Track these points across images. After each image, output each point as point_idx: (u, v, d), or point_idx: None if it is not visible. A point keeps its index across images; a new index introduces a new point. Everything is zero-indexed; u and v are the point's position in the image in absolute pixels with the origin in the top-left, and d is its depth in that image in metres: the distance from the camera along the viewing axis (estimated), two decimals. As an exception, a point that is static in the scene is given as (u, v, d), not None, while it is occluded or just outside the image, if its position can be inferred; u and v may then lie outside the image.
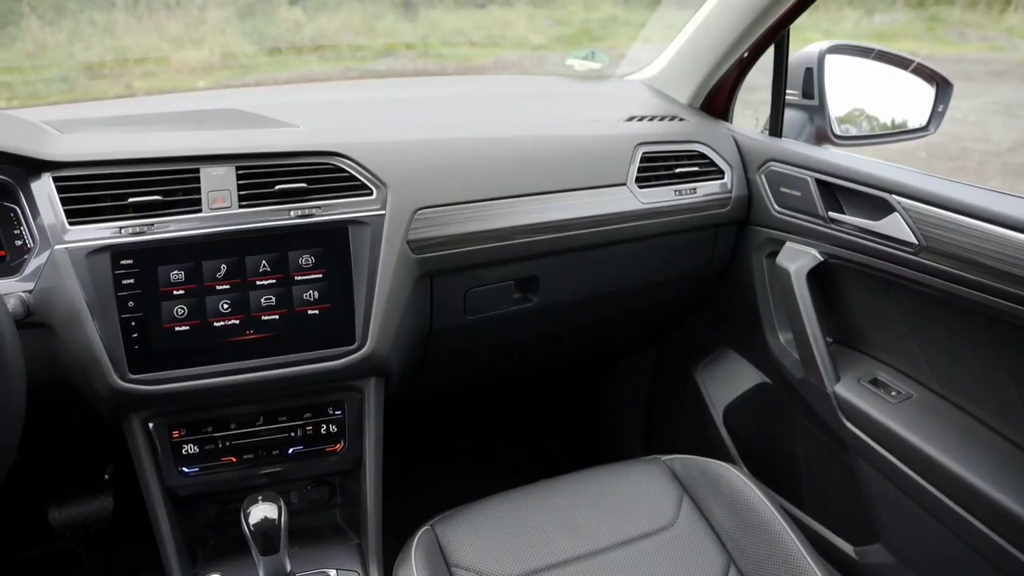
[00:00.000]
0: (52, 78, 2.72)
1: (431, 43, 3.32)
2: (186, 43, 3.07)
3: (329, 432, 1.15)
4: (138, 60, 2.78)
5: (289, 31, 3.27)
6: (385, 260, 1.09)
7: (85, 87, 2.64)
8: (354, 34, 3.31)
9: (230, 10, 3.17)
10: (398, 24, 3.44)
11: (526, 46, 3.40)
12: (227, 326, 1.05)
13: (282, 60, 2.99)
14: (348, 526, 1.25)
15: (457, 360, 1.41)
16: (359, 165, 1.12)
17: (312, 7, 3.32)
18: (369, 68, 3.03)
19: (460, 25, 3.56)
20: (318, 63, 2.92)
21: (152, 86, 2.64)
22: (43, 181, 1.04)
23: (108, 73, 2.69)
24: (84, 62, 2.76)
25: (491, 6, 3.61)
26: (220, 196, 1.06)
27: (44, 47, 2.87)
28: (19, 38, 2.80)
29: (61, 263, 1.00)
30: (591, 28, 3.64)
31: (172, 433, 1.10)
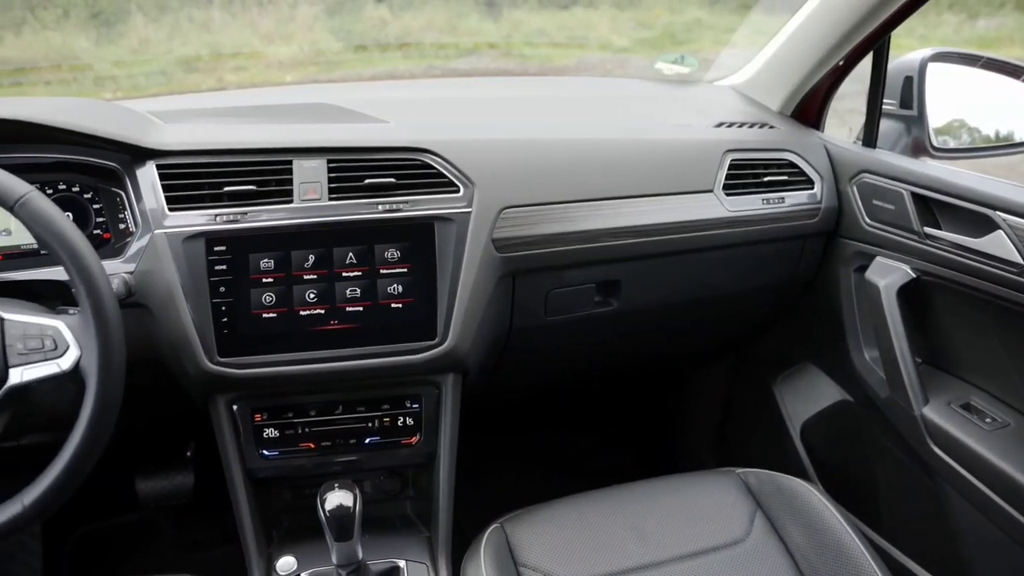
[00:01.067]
0: (152, 72, 2.84)
1: (513, 43, 3.32)
2: (276, 39, 3.16)
3: (406, 425, 1.17)
4: (230, 55, 2.87)
5: (375, 28, 3.32)
6: (469, 257, 1.10)
7: (181, 80, 2.74)
8: (438, 33, 3.34)
9: (319, 7, 3.25)
10: (481, 23, 3.45)
11: (609, 48, 3.37)
12: (312, 315, 1.07)
13: (367, 57, 3.04)
14: (418, 518, 1.27)
15: (534, 360, 1.41)
16: (447, 162, 1.13)
17: (398, 5, 3.37)
18: (452, 67, 3.05)
19: (543, 26, 3.55)
20: (402, 60, 2.96)
21: (243, 80, 2.73)
22: (147, 168, 1.09)
23: (202, 67, 2.80)
24: (181, 57, 2.88)
25: (575, 7, 3.59)
26: (311, 188, 1.09)
27: (147, 43, 2.99)
28: (125, 35, 2.93)
29: (160, 247, 1.04)
30: (675, 31, 3.59)
31: (255, 416, 1.14)
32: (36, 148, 1.10)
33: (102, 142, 1.08)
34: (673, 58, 1.66)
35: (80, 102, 1.18)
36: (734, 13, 3.57)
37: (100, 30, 2.90)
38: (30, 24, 2.79)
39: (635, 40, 3.46)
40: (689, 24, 3.52)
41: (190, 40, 3.08)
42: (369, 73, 2.91)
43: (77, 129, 1.05)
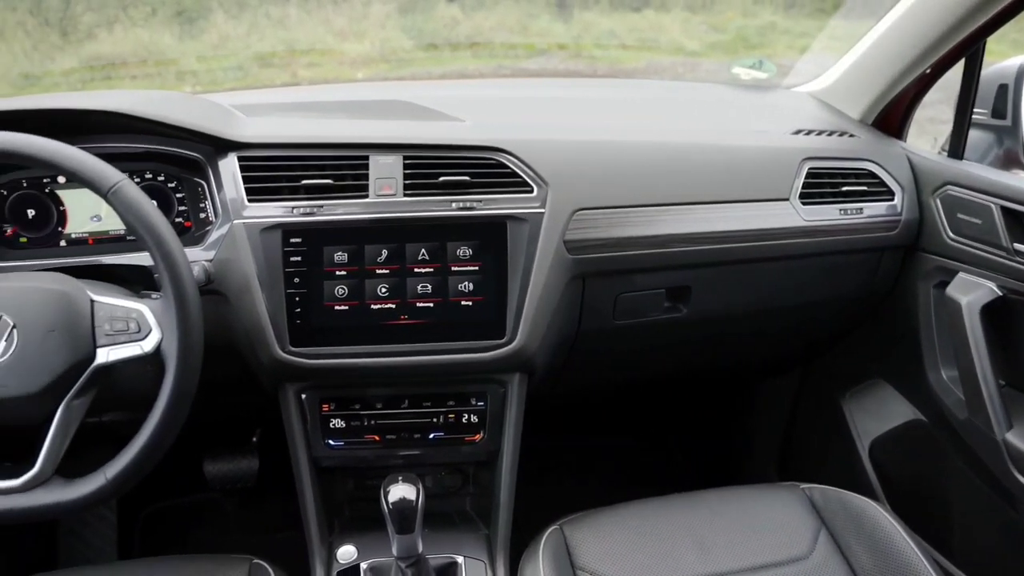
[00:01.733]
0: (230, 67, 2.92)
1: (583, 44, 3.31)
2: (349, 36, 3.21)
3: (470, 422, 1.18)
4: (304, 51, 2.94)
5: (446, 28, 3.35)
6: (541, 258, 1.10)
7: (257, 75, 2.82)
8: (508, 33, 3.34)
9: (392, 6, 3.29)
10: (552, 24, 3.45)
11: (679, 51, 3.33)
12: (383, 309, 1.09)
13: (438, 56, 3.07)
14: (478, 515, 1.27)
15: (599, 363, 1.40)
16: (522, 162, 1.13)
17: (469, 5, 3.39)
18: (521, 67, 3.06)
19: (613, 27, 3.52)
20: (472, 60, 2.98)
21: (315, 75, 2.79)
22: (229, 160, 1.12)
23: (277, 63, 2.87)
24: (257, 52, 2.95)
25: (646, 9, 3.56)
26: (386, 184, 1.10)
27: (226, 39, 3.08)
28: (207, 31, 3.02)
29: (239, 237, 1.07)
30: (747, 36, 3.52)
31: (322, 406, 1.16)
32: (127, 138, 1.15)
33: (188, 133, 1.11)
34: (751, 63, 1.63)
35: (168, 95, 1.23)
36: (810, 18, 3.48)
37: (183, 27, 3.00)
38: (122, 22, 2.89)
39: (706, 44, 3.41)
40: (762, 28, 3.46)
41: (266, 36, 3.16)
42: (439, 72, 2.94)
43: (166, 120, 1.09)
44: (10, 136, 0.88)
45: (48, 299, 0.89)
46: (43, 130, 0.91)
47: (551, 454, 1.81)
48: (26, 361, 0.86)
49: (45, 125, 0.95)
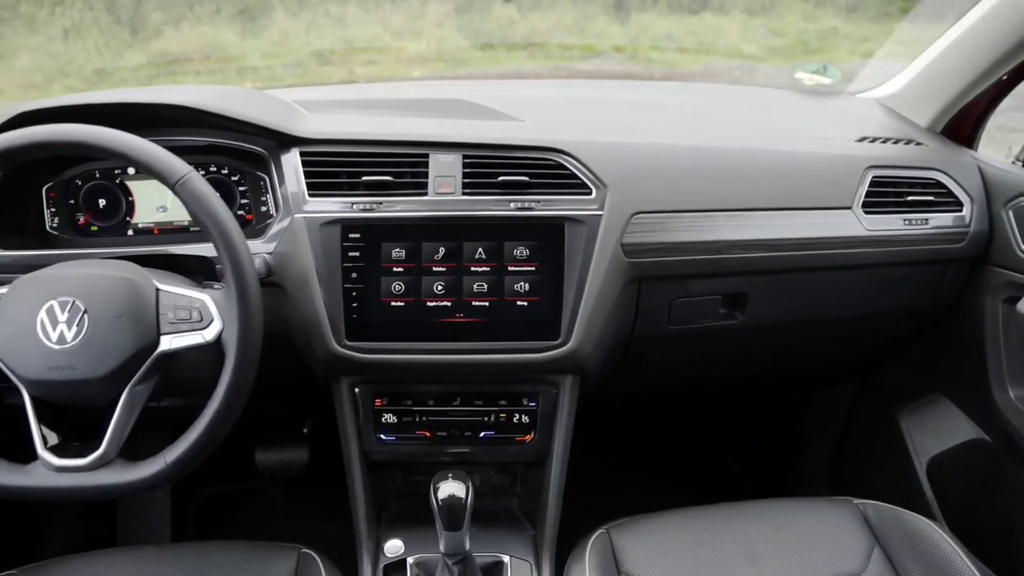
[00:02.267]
0: (289, 63, 2.98)
1: (640, 46, 3.28)
2: (406, 35, 3.23)
3: (521, 422, 1.18)
4: (362, 49, 2.98)
5: (502, 28, 3.35)
6: (598, 260, 1.10)
7: (315, 72, 2.86)
8: (564, 33, 3.33)
9: (449, 5, 3.30)
10: (609, 26, 3.43)
11: (737, 55, 3.28)
12: (439, 307, 1.09)
13: (493, 55, 3.07)
14: (524, 516, 1.27)
15: (652, 368, 1.39)
16: (581, 164, 1.13)
17: (526, 5, 3.39)
18: (577, 68, 3.05)
19: (671, 30, 3.48)
20: (527, 60, 2.98)
21: (372, 73, 2.82)
22: (291, 154, 1.14)
23: (336, 60, 2.91)
24: (316, 50, 3.00)
25: (704, 12, 3.51)
26: (446, 182, 1.11)
27: (286, 36, 3.13)
28: (268, 28, 3.08)
29: (299, 230, 1.09)
30: (808, 40, 3.45)
31: (375, 401, 1.17)
32: (193, 132, 1.17)
33: (253, 128, 1.14)
34: (814, 68, 1.60)
35: (233, 90, 1.25)
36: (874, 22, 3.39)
37: (245, 24, 3.06)
38: (188, 20, 2.97)
39: (765, 48, 3.35)
40: (824, 33, 3.38)
41: (326, 34, 3.21)
42: (495, 71, 2.95)
43: (232, 115, 1.11)
44: (87, 129, 0.91)
45: (117, 286, 0.92)
46: (115, 123, 0.94)
47: (598, 457, 1.80)
48: (95, 345, 0.89)
49: (118, 118, 0.98)
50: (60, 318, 0.90)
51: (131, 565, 1.05)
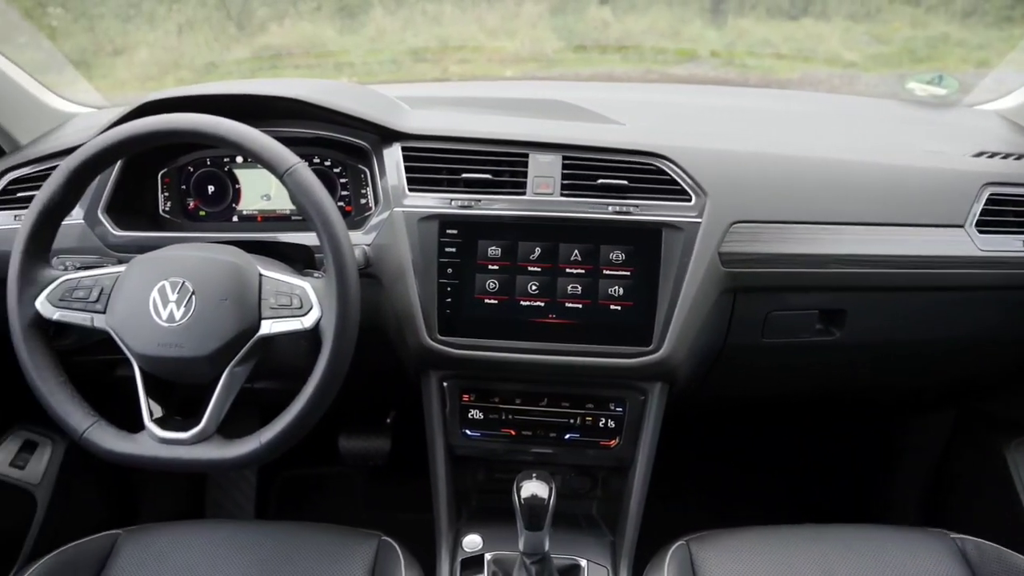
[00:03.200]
0: (384, 60, 3.04)
1: (736, 52, 3.21)
2: (500, 34, 3.25)
3: (607, 426, 1.17)
4: (456, 47, 3.01)
5: (596, 29, 3.34)
6: (694, 268, 1.08)
7: (410, 69, 2.91)
8: (658, 37, 3.29)
9: (543, 6, 3.31)
10: (704, 30, 3.37)
11: (837, 63, 3.18)
12: (532, 307, 1.10)
13: (586, 57, 3.07)
14: (603, 521, 1.26)
15: (742, 379, 1.36)
16: (682, 170, 1.11)
17: (621, 8, 3.36)
18: (670, 72, 3.01)
19: (768, 36, 3.40)
20: (620, 63, 2.96)
21: (465, 72, 2.85)
22: (393, 149, 1.16)
23: (430, 58, 2.95)
24: (411, 47, 3.05)
25: (805, 18, 3.41)
26: (544, 182, 1.11)
27: (383, 33, 3.19)
28: (366, 25, 3.16)
29: (397, 224, 1.11)
30: (915, 47, 3.31)
31: (462, 396, 1.18)
32: (300, 124, 1.21)
33: (358, 122, 1.16)
34: (928, 78, 1.53)
35: (339, 84, 1.29)
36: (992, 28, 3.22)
37: (345, 21, 3.14)
38: (291, 16, 3.07)
39: (867, 56, 3.23)
40: (934, 39, 3.23)
41: (421, 32, 3.26)
42: (587, 73, 2.94)
43: (339, 109, 1.14)
44: (205, 119, 0.95)
45: (224, 270, 0.95)
46: (229, 114, 0.97)
47: (679, 465, 1.77)
48: (201, 325, 0.93)
49: (231, 109, 1.01)
50: (171, 297, 0.94)
51: (222, 536, 1.09)
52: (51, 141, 1.33)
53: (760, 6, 3.39)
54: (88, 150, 0.96)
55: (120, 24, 3.07)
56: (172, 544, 1.07)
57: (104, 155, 0.97)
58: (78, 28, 2.89)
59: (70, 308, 0.97)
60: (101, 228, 1.19)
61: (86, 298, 0.97)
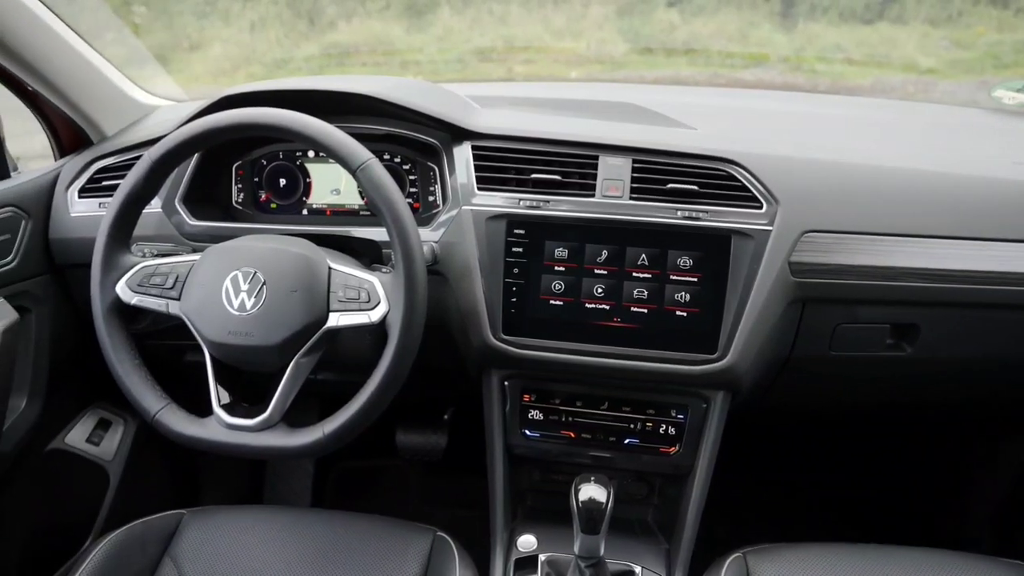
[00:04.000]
0: (450, 59, 3.07)
1: (805, 57, 3.15)
2: (566, 35, 3.25)
3: (667, 433, 1.16)
4: (521, 48, 3.02)
5: (663, 32, 3.31)
6: (763, 277, 1.06)
7: (475, 68, 2.93)
8: (726, 41, 3.25)
9: (610, 8, 3.30)
10: (773, 35, 3.31)
11: (912, 69, 3.08)
12: (597, 310, 1.09)
13: (652, 60, 3.04)
14: (659, 528, 1.25)
15: (806, 391, 1.33)
16: (754, 177, 1.09)
17: (689, 10, 3.33)
18: (736, 76, 2.97)
19: (840, 40, 3.32)
20: (686, 66, 2.93)
21: (529, 72, 2.85)
22: (463, 147, 1.17)
23: (495, 58, 2.96)
24: (477, 47, 3.07)
25: (880, 22, 3.32)
26: (613, 185, 1.10)
27: (450, 32, 3.22)
28: (433, 24, 3.19)
29: (465, 222, 1.12)
30: (1000, 53, 3.18)
31: (523, 396, 1.19)
32: (372, 120, 1.23)
33: (430, 120, 1.17)
34: (1019, 85, 1.46)
35: (411, 82, 1.30)
36: (1096, 30, 3.07)
37: (412, 20, 3.18)
38: (359, 14, 3.12)
39: (946, 61, 3.12)
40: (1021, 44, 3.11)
41: (487, 32, 3.28)
42: (652, 76, 2.92)
43: (412, 106, 1.16)
44: (283, 113, 0.97)
45: (295, 262, 0.97)
46: (303, 109, 0.98)
47: (738, 475, 1.75)
48: (271, 315, 0.95)
49: (305, 104, 1.03)
50: (243, 287, 0.96)
51: (281, 522, 1.12)
52: (135, 132, 1.38)
53: (832, 10, 3.31)
54: (170, 141, 0.99)
55: (196, 21, 3.17)
56: (233, 526, 1.10)
57: (185, 146, 1.00)
58: (158, 25, 2.99)
59: (147, 294, 1.01)
60: (177, 217, 1.23)
61: (162, 284, 1.00)
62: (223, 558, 1.05)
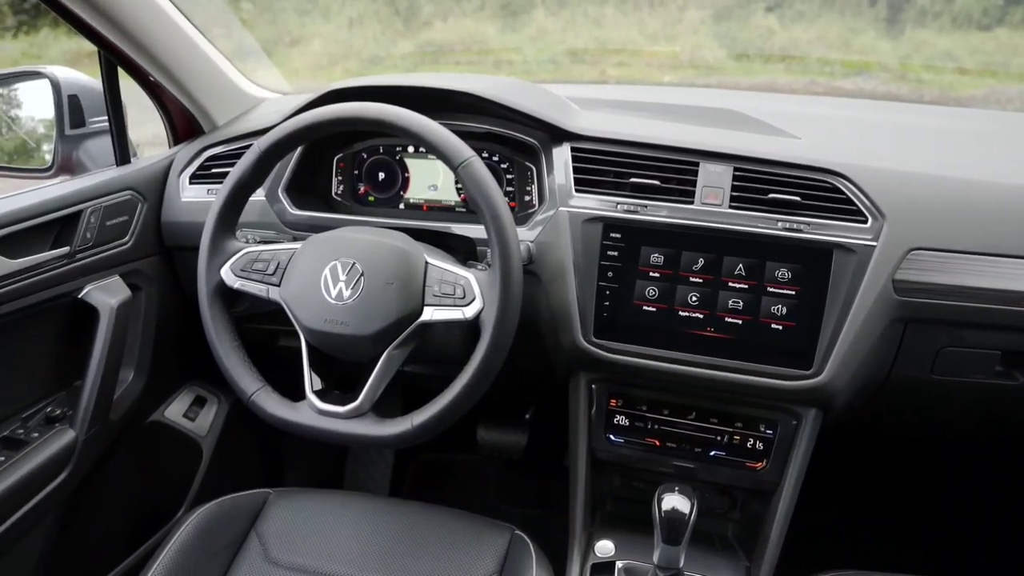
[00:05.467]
0: (542, 60, 3.07)
1: (911, 65, 3.02)
2: (660, 39, 3.22)
3: (755, 448, 1.13)
4: (615, 51, 3.00)
5: (760, 38, 3.24)
6: (864, 294, 1.02)
7: (567, 69, 2.93)
8: (826, 48, 3.15)
9: (707, 12, 3.25)
10: (877, 42, 3.19)
11: (1036, 79, 2.90)
12: (690, 318, 1.08)
13: (747, 66, 2.98)
14: (739, 544, 1.22)
15: (902, 414, 1.27)
16: (860, 190, 1.05)
17: (788, 16, 3.24)
18: (835, 85, 2.87)
19: (951, 48, 3.18)
20: (783, 73, 2.86)
21: (622, 75, 2.84)
22: (563, 149, 1.17)
23: (588, 60, 2.96)
24: (570, 48, 3.07)
25: (999, 28, 3.16)
26: (713, 192, 1.09)
27: (544, 32, 3.23)
28: (527, 24, 3.21)
29: (562, 223, 1.12)
30: None
31: (610, 401, 1.18)
32: (472, 118, 1.24)
33: (530, 120, 1.18)
34: None
35: (512, 81, 1.31)
36: None
37: (506, 20, 3.21)
38: (454, 13, 3.16)
39: (1077, 71, 2.94)
40: None
41: (581, 33, 3.27)
42: (746, 83, 2.85)
43: (514, 106, 1.17)
44: (389, 108, 0.98)
45: (393, 255, 0.99)
46: (405, 104, 1.00)
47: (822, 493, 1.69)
48: (367, 306, 0.96)
49: (407, 100, 1.04)
50: (341, 277, 0.98)
51: (362, 508, 1.14)
52: (244, 123, 1.43)
53: (944, 15, 3.17)
54: (279, 132, 1.03)
55: (298, 17, 3.27)
56: (316, 509, 1.14)
57: (293, 138, 1.03)
58: (263, 20, 3.10)
59: (249, 279, 1.04)
60: (279, 206, 1.27)
61: (264, 270, 1.04)
62: (305, 538, 1.08)
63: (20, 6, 3.27)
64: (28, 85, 1.36)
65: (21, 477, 1.12)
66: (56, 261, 1.17)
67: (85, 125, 1.35)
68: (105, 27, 1.20)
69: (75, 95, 1.32)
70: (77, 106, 1.33)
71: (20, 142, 1.40)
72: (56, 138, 1.32)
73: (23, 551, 1.17)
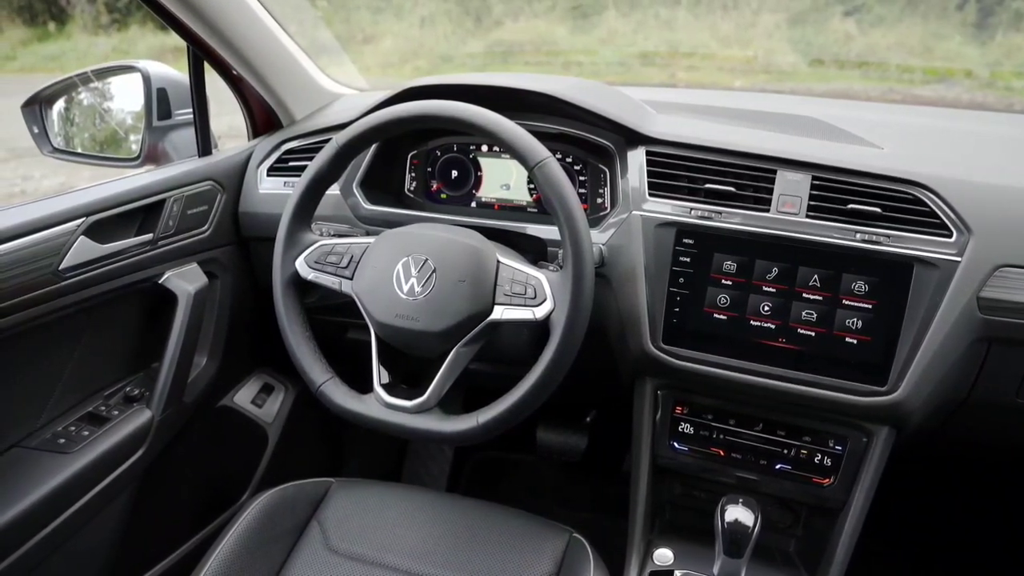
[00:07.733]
0: (612, 61, 3.06)
1: (999, 73, 2.90)
2: (733, 43, 3.18)
3: (822, 464, 1.11)
4: (686, 54, 2.97)
5: (837, 43, 3.17)
6: (946, 310, 0.99)
7: (637, 72, 2.92)
8: (907, 54, 3.05)
9: (782, 16, 3.19)
10: (963, 48, 3.08)
11: None
12: (762, 328, 1.06)
13: (822, 72, 2.92)
14: (801, 561, 1.20)
15: (981, 438, 1.23)
16: (945, 203, 1.02)
17: (867, 20, 3.16)
18: (914, 92, 2.78)
19: (1049, 55, 3.04)
20: (859, 79, 2.78)
21: (692, 79, 2.80)
22: (637, 152, 1.16)
23: (658, 62, 2.94)
24: (641, 51, 3.05)
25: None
26: (790, 201, 1.06)
27: (614, 35, 3.22)
28: (598, 26, 3.20)
29: (634, 227, 1.11)
30: None
31: (675, 408, 1.17)
32: (548, 119, 1.24)
33: (606, 122, 1.18)
34: None
35: (588, 83, 1.30)
36: None
37: (577, 21, 3.21)
38: (525, 13, 3.18)
39: None
40: None
41: (651, 36, 3.25)
42: (820, 89, 2.79)
43: (590, 108, 1.16)
44: (466, 107, 0.99)
45: (465, 253, 0.99)
46: (478, 103, 1.00)
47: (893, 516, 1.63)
48: (438, 303, 0.97)
49: (481, 99, 1.04)
50: (413, 273, 0.99)
51: (421, 502, 1.16)
52: (321, 118, 1.47)
53: (1043, 20, 3.04)
54: (357, 128, 1.04)
55: (371, 15, 3.33)
56: (376, 500, 1.15)
57: (371, 133, 1.04)
58: (337, 18, 3.17)
59: (323, 271, 1.06)
60: (353, 200, 1.29)
61: (338, 263, 1.05)
62: (365, 529, 1.10)
63: (114, 4, 3.41)
64: (122, 79, 1.42)
65: (103, 452, 1.17)
66: (140, 247, 1.22)
67: (171, 117, 1.40)
68: (195, 23, 1.25)
69: (163, 88, 1.37)
70: (164, 99, 1.38)
71: (111, 132, 1.46)
72: (144, 129, 1.37)
73: (101, 525, 1.22)
